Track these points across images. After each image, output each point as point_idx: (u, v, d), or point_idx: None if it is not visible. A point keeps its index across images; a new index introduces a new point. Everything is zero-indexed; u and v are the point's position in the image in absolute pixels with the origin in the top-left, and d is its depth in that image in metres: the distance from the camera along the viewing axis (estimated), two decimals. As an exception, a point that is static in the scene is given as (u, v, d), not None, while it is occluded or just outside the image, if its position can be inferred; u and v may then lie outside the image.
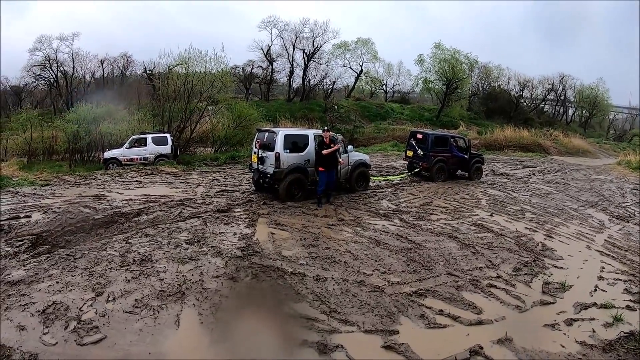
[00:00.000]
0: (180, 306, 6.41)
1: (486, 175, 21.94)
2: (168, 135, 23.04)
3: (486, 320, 6.57)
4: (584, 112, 62.69)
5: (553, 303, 7.38)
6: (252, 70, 48.63)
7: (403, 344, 5.75)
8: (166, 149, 22.19)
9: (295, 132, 14.46)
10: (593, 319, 6.86)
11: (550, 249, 10.25)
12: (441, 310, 6.75)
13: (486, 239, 10.69)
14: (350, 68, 53.49)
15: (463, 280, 8.00)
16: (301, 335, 5.85)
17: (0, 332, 5.52)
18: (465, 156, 20.10)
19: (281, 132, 13.39)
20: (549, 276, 8.52)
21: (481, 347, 5.75)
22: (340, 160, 13.53)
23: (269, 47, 47.02)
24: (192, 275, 7.52)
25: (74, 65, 42.49)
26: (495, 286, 7.84)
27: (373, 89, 60.93)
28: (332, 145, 13.09)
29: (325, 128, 13.77)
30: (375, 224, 11.40)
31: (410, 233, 10.74)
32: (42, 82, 42.99)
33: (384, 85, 60.43)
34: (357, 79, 54.79)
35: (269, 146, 13.52)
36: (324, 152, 12.92)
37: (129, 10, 79.79)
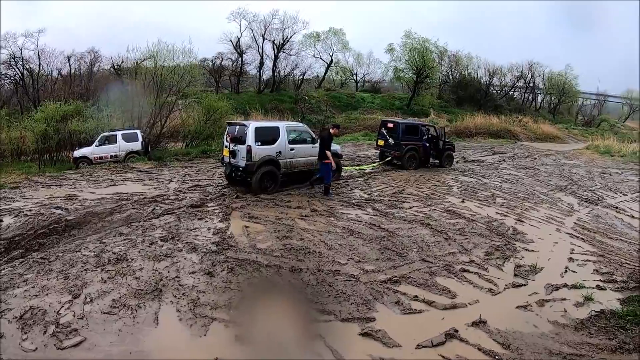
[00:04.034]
0: (158, 304, 6.45)
1: (457, 162, 22.27)
2: (138, 131, 22.72)
3: (460, 304, 6.80)
4: (552, 98, 63.52)
5: (525, 285, 7.67)
6: (222, 63, 48.24)
7: (380, 330, 5.91)
8: (137, 146, 21.89)
9: (266, 124, 14.56)
10: (564, 299, 7.17)
11: (521, 233, 10.60)
12: (416, 296, 6.94)
13: (458, 224, 10.97)
14: (321, 58, 53.38)
15: (436, 266, 8.23)
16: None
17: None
18: (436, 143, 20.42)
19: (252, 125, 13.44)
20: (521, 259, 8.83)
21: (456, 330, 5.96)
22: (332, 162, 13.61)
23: (238, 39, 46.61)
24: (169, 272, 7.56)
25: (40, 62, 41.59)
26: (468, 270, 8.09)
27: (343, 79, 60.79)
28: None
29: (333, 124, 15.03)
30: (349, 214, 11.57)
31: (383, 221, 10.94)
32: (8, 80, 41.99)
33: (355, 75, 60.40)
34: (327, 69, 54.63)
35: (240, 139, 13.56)
36: (328, 153, 13.37)
37: (90, 7, 77.83)
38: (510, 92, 62.95)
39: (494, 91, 61.16)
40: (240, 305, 6.51)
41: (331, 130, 13.92)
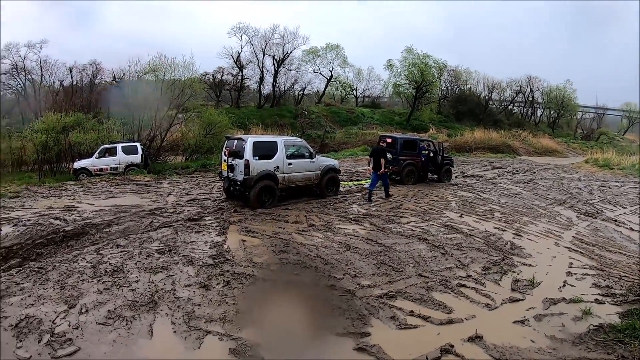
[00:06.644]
0: (153, 316, 6.45)
1: (456, 177, 22.29)
2: (138, 144, 22.91)
3: (456, 319, 6.71)
4: (551, 112, 64.03)
5: (522, 300, 7.56)
6: (222, 77, 48.40)
7: (375, 345, 5.84)
8: (136, 158, 22.06)
9: (264, 139, 14.62)
10: (562, 313, 7.07)
11: (519, 247, 10.51)
12: (412, 311, 6.86)
13: (455, 239, 10.90)
14: (320, 74, 53.72)
15: (433, 280, 8.15)
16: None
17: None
18: (435, 158, 20.46)
19: (250, 140, 13.49)
20: (518, 274, 8.73)
21: (452, 346, 5.88)
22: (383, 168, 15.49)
23: (239, 53, 46.82)
24: (164, 284, 7.56)
25: (42, 73, 41.83)
26: (465, 285, 8.00)
27: (343, 94, 61.08)
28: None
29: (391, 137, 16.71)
30: (346, 229, 11.54)
31: (380, 236, 10.88)
32: (10, 90, 42.18)
33: (354, 90, 60.58)
34: (327, 84, 54.93)
35: (238, 154, 13.62)
36: (382, 162, 15.44)
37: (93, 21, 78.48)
38: (510, 107, 63.25)
39: (493, 106, 61.50)
40: (235, 318, 6.49)
41: (382, 144, 16.22)
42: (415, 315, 6.77)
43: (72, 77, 45.32)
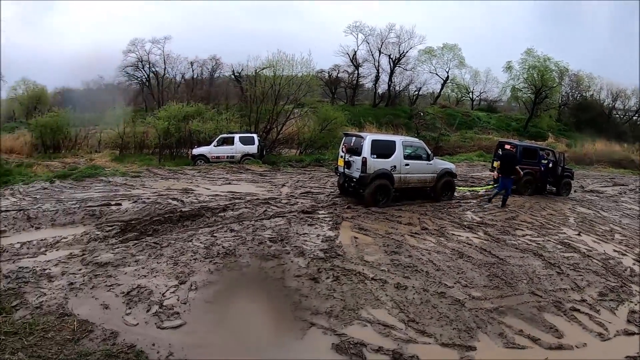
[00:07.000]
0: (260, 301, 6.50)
1: (574, 191, 20.88)
2: (255, 135, 23.67)
3: (566, 345, 6.21)
4: (680, 125, 58.29)
5: (638, 334, 6.84)
6: (338, 75, 48.85)
7: (479, 361, 5.54)
8: (253, 149, 22.75)
9: (382, 137, 14.52)
10: None
11: (639, 275, 9.55)
12: (521, 330, 6.45)
13: (572, 259, 10.08)
14: (436, 74, 52.38)
15: (546, 301, 7.59)
16: (377, 342, 5.75)
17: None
18: (554, 169, 19.31)
19: (369, 137, 13.39)
20: (636, 304, 7.89)
21: None
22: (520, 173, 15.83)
23: (355, 52, 47.05)
24: (274, 272, 7.63)
25: (165, 67, 44.78)
26: (578, 310, 7.36)
27: (459, 96, 59.33)
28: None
29: (512, 145, 17.08)
30: (459, 236, 11.10)
31: (494, 247, 10.36)
32: (135, 81, 45.49)
33: (471, 93, 58.70)
34: (443, 85, 53.61)
35: (356, 151, 13.56)
36: (518, 168, 15.53)
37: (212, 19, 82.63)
38: (635, 117, 58.25)
39: (617, 115, 56.85)
40: (341, 314, 6.38)
41: (513, 149, 16.45)
42: (524, 335, 6.33)
43: (193, 71, 48.13)
